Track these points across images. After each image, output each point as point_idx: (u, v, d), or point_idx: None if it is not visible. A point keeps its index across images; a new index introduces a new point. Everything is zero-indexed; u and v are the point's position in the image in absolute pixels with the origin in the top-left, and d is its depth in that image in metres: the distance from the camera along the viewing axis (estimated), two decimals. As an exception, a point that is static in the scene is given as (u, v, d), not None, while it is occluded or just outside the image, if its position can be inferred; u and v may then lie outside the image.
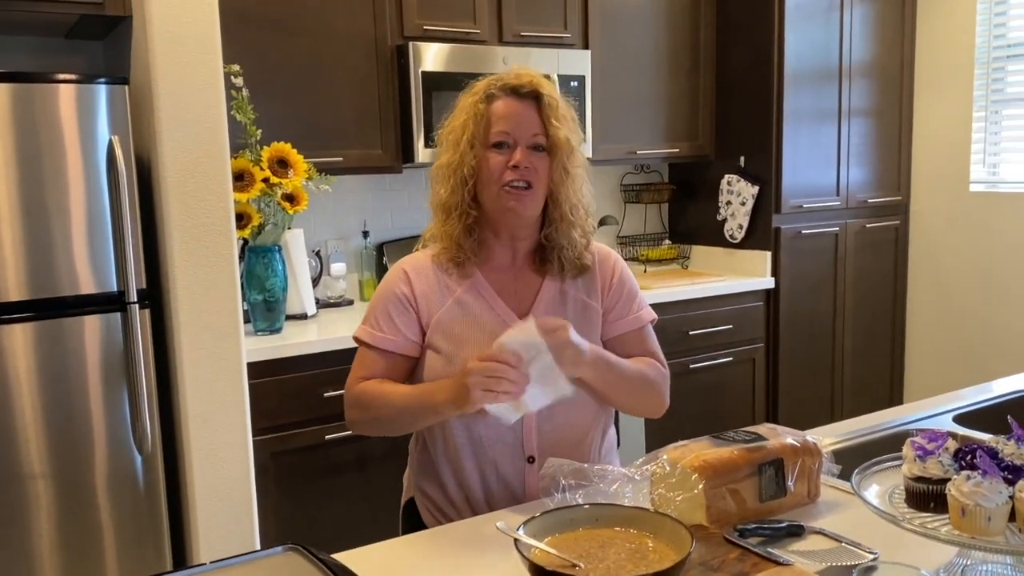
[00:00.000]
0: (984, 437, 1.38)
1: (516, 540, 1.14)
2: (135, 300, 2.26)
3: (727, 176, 3.86)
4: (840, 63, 3.83)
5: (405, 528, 1.74)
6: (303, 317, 3.01)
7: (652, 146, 3.72)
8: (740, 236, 3.84)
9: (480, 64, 3.10)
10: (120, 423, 2.29)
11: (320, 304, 3.21)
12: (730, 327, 3.65)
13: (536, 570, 1.10)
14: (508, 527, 1.19)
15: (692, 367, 3.55)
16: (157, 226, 2.33)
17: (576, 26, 3.44)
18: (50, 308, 2.20)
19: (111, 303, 2.26)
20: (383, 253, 3.41)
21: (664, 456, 1.38)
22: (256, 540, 2.44)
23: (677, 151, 3.80)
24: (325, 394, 2.70)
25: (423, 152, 3.06)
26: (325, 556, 1.12)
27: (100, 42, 2.85)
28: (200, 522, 2.36)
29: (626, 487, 1.40)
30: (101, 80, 2.22)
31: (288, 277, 2.89)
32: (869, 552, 1.22)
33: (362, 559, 1.28)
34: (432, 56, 3.05)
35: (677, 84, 3.76)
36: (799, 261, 3.82)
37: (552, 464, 1.42)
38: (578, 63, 3.38)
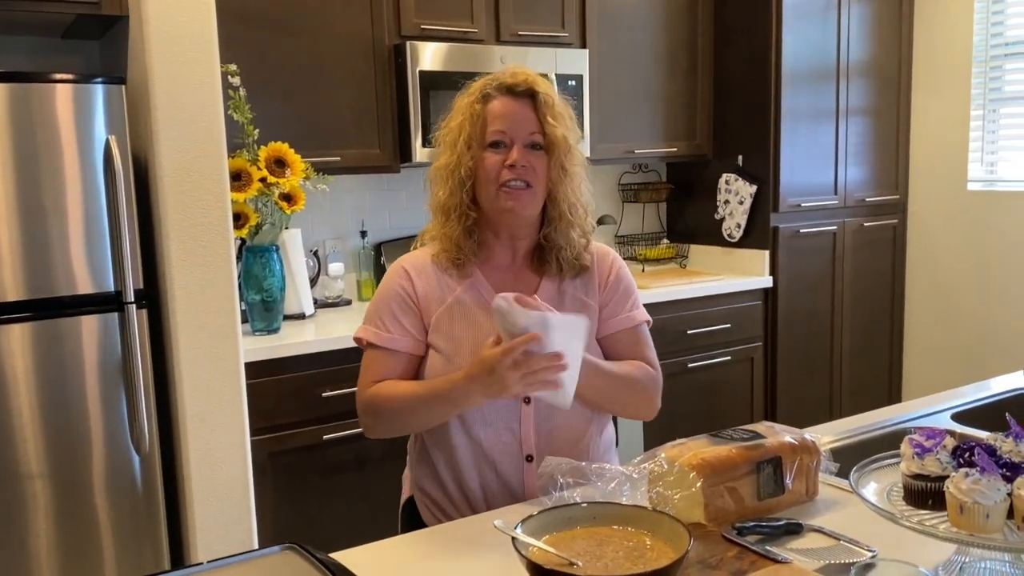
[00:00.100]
0: (982, 435, 1.38)
1: (514, 539, 1.14)
2: (132, 300, 2.26)
3: (725, 175, 3.86)
4: (838, 62, 3.83)
5: (405, 526, 1.74)
6: (301, 317, 3.01)
7: (650, 145, 3.72)
8: (738, 235, 3.84)
9: (478, 63, 3.09)
10: (118, 423, 2.29)
11: (318, 304, 3.20)
12: (728, 326, 3.65)
13: (534, 569, 1.09)
14: (506, 525, 1.18)
15: (690, 366, 3.55)
16: (154, 226, 2.33)
17: (573, 25, 3.44)
18: (47, 308, 2.20)
19: (108, 303, 2.26)
20: (381, 253, 3.41)
21: (662, 454, 1.38)
22: (254, 540, 2.44)
23: (675, 150, 3.80)
24: (323, 394, 2.70)
25: (421, 151, 3.06)
26: (322, 555, 1.11)
27: (97, 42, 2.85)
28: (198, 522, 2.36)
29: (624, 485, 1.40)
30: (98, 80, 2.22)
31: (286, 277, 2.89)
32: (867, 550, 1.22)
33: (360, 557, 1.28)
34: (430, 55, 3.05)
35: (675, 83, 3.76)
36: (797, 260, 3.82)
37: (550, 463, 1.42)
38: (576, 62, 3.37)
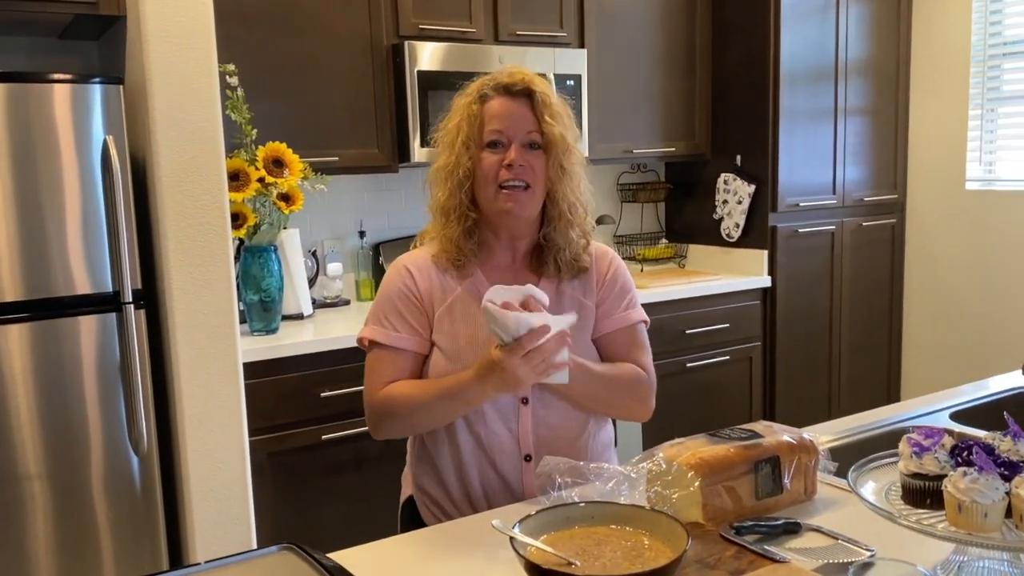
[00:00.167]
0: (980, 434, 1.38)
1: (512, 538, 1.14)
2: (130, 300, 2.26)
3: (723, 175, 3.86)
4: (836, 62, 3.84)
5: (404, 526, 1.74)
6: (299, 317, 3.01)
7: (648, 145, 3.72)
8: (737, 235, 3.84)
9: (476, 63, 3.09)
10: (116, 423, 2.29)
11: (316, 304, 3.20)
12: (727, 326, 3.65)
13: (532, 568, 1.09)
14: (504, 525, 1.18)
15: (689, 366, 3.55)
16: (152, 226, 2.33)
17: (572, 25, 3.44)
18: (45, 308, 2.19)
19: (106, 303, 2.26)
20: (379, 253, 3.40)
21: (660, 454, 1.38)
22: (253, 540, 2.44)
23: (673, 150, 3.80)
24: (322, 394, 2.70)
25: (419, 151, 3.05)
26: (320, 555, 1.11)
27: (94, 42, 2.85)
28: (196, 522, 2.36)
29: (622, 485, 1.40)
30: (96, 80, 2.22)
31: (284, 277, 2.89)
32: (866, 549, 1.22)
33: (359, 557, 1.28)
34: (428, 55, 3.05)
35: (673, 83, 3.76)
36: (795, 259, 3.82)
37: (548, 462, 1.42)
38: (574, 62, 3.37)
